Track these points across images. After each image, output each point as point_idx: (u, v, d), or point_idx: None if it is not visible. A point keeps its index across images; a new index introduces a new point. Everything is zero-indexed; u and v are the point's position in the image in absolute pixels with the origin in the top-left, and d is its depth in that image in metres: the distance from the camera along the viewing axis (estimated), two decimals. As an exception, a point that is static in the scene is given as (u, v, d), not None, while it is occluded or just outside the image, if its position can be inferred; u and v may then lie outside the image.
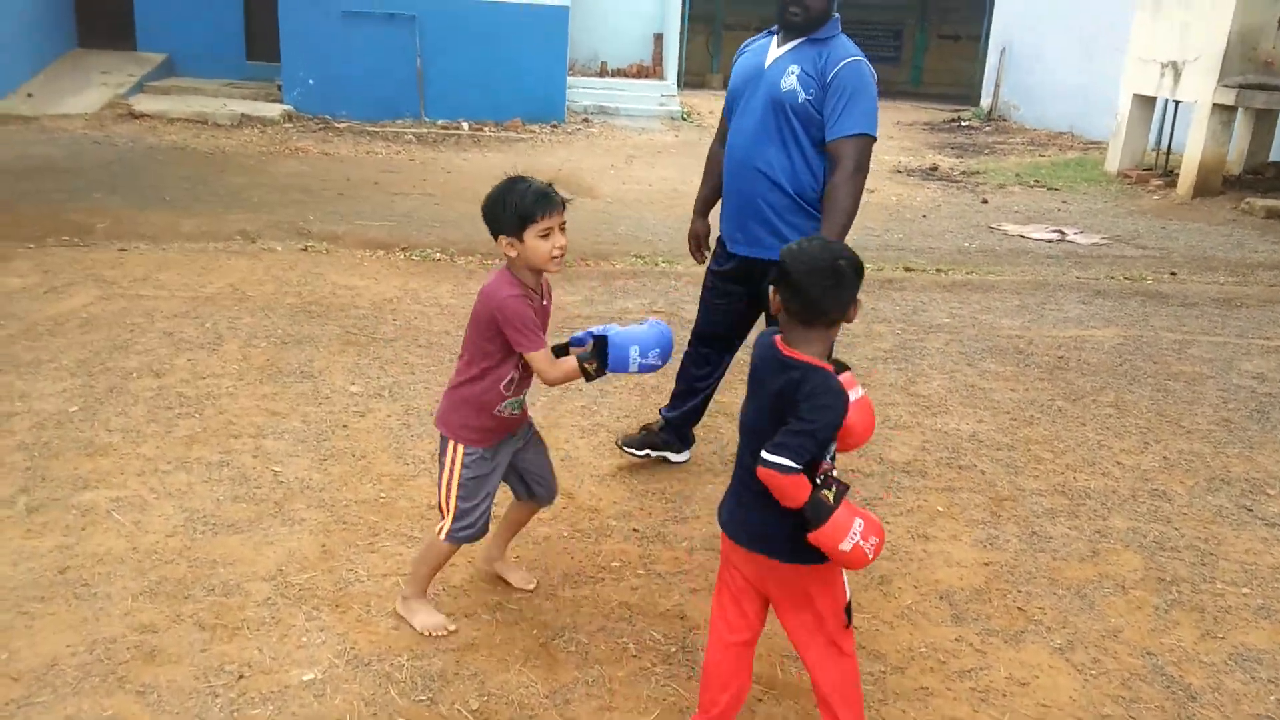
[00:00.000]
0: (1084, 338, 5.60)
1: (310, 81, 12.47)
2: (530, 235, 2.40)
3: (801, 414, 1.93)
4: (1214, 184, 10.19)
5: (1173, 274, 7.26)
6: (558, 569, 3.02)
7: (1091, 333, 5.71)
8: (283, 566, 2.90)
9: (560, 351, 2.54)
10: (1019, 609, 2.96)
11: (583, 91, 14.57)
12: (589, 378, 2.45)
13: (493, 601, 2.81)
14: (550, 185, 2.46)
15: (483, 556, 2.92)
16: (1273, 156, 11.54)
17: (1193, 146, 10.22)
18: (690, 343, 3.70)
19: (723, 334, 3.62)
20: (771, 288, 2.05)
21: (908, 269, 6.95)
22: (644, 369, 2.44)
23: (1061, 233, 8.48)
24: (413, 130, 12.13)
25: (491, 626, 2.70)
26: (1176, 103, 11.08)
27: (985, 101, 18.65)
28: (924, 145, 14.03)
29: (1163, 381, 4.95)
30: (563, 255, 2.47)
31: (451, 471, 2.57)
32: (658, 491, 3.57)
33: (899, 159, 12.38)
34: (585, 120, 13.78)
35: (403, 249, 6.72)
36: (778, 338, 2.06)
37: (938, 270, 6.97)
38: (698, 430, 3.85)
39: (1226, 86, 9.78)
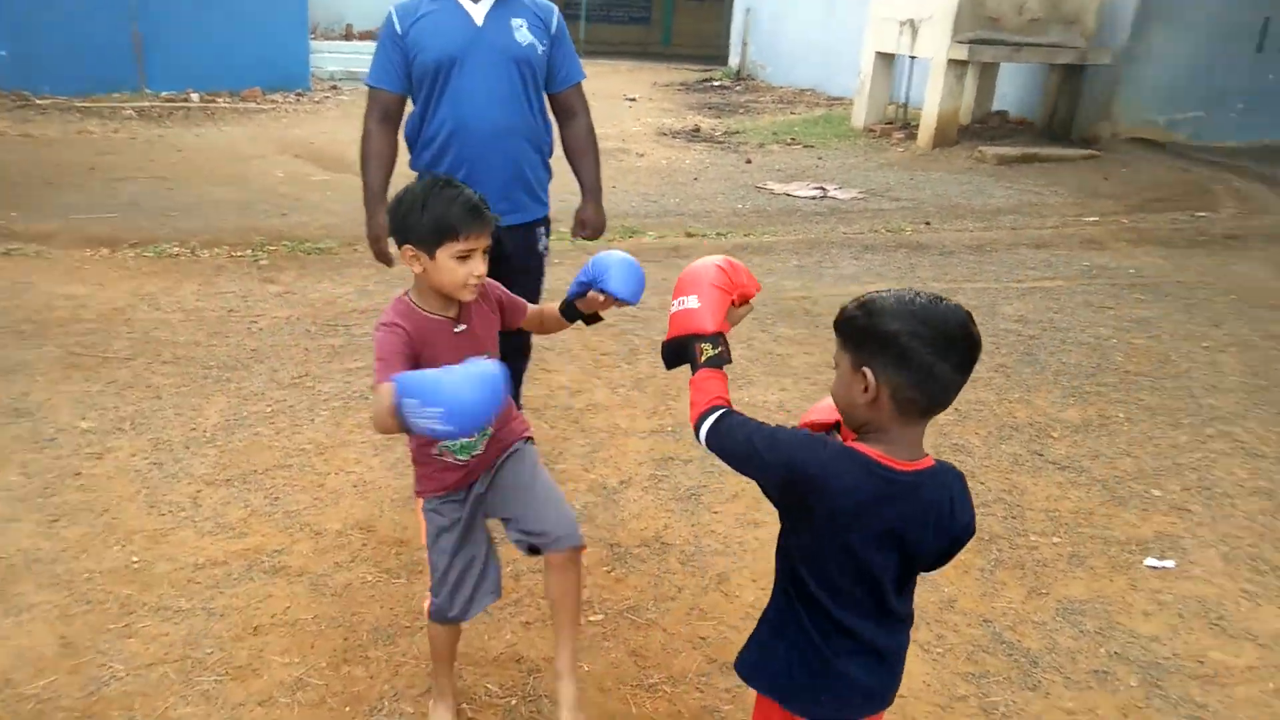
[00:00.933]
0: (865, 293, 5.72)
1: (2, 53, 10.71)
2: (445, 254, 1.94)
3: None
4: (950, 135, 10.90)
5: (927, 224, 7.64)
6: (365, 624, 2.62)
7: (867, 288, 5.83)
8: (9, 674, 2.32)
9: (571, 312, 2.18)
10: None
11: (328, 56, 13.51)
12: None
13: (291, 679, 2.38)
14: (483, 200, 2.00)
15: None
16: (995, 106, 12.52)
17: (930, 101, 10.86)
18: None
19: None
20: (867, 369, 1.44)
21: (689, 234, 6.88)
22: (434, 432, 1.67)
23: (823, 189, 8.75)
24: (132, 104, 10.73)
25: (291, 713, 2.28)
26: (914, 59, 11.74)
27: (734, 61, 19.12)
28: (683, 106, 14.14)
29: (941, 332, 5.12)
30: (479, 285, 2.00)
31: (425, 538, 2.17)
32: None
33: (662, 121, 12.39)
34: (334, 88, 12.79)
35: (132, 245, 5.84)
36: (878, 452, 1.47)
37: (718, 234, 6.95)
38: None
39: (959, 43, 10.44)
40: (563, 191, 3.53)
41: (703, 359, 1.64)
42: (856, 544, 1.48)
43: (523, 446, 2.25)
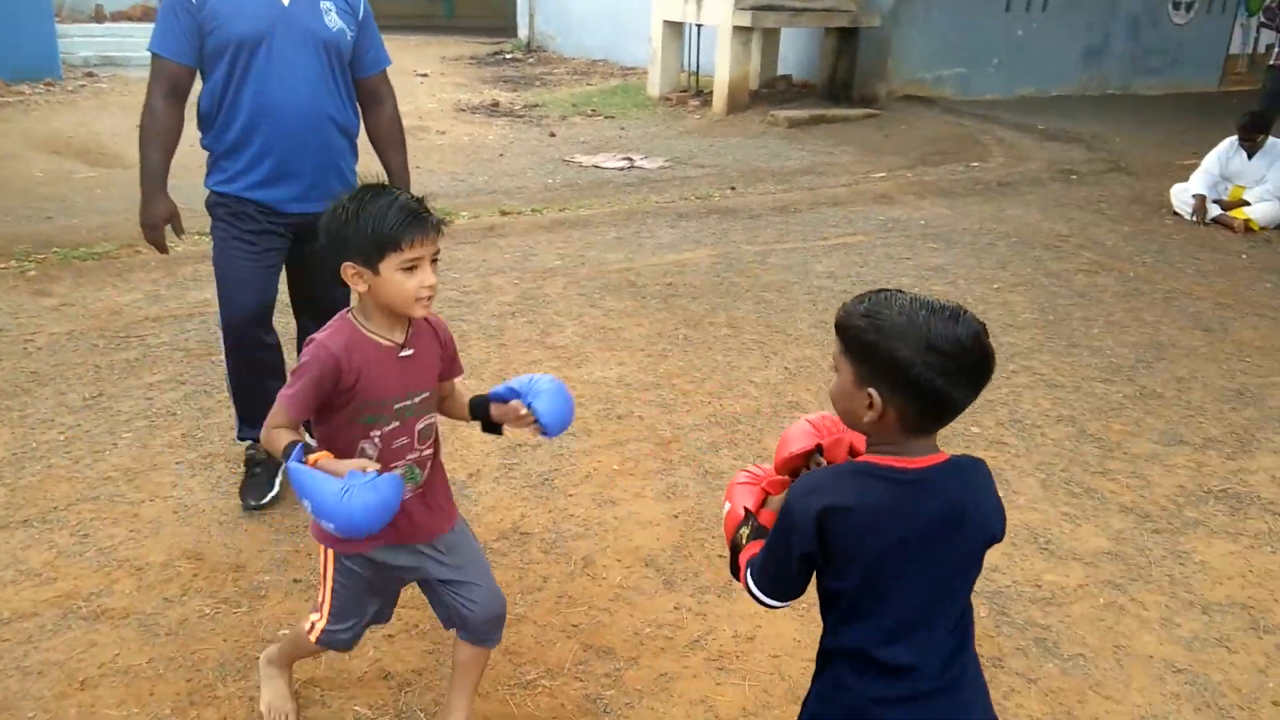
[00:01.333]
0: (682, 262, 5.80)
1: None
2: (389, 266, 1.78)
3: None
4: (742, 100, 11.21)
5: (733, 189, 7.83)
6: (208, 661, 2.39)
7: (686, 256, 5.94)
8: None
9: (480, 409, 2.05)
10: (720, 556, 2.92)
11: (79, 41, 12.21)
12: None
13: (133, 734, 2.14)
14: (421, 202, 1.83)
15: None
16: (780, 70, 12.98)
17: (721, 67, 11.11)
18: (243, 345, 3.03)
19: (301, 297, 3.23)
20: (874, 391, 1.36)
21: (504, 212, 6.72)
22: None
23: (630, 159, 8.78)
24: None
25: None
26: (700, 26, 11.96)
27: (523, 33, 18.84)
28: (477, 80, 13.80)
29: (759, 294, 5.27)
30: (431, 297, 1.84)
31: (326, 577, 2.02)
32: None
33: (458, 96, 12.03)
34: (89, 75, 11.58)
35: None
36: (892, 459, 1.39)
37: (534, 210, 6.83)
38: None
39: (742, 9, 10.71)
40: (364, 177, 3.32)
41: (744, 542, 1.57)
42: (881, 572, 1.40)
43: (460, 524, 2.14)
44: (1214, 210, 7.05)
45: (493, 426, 2.07)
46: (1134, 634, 2.60)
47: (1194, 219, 7.05)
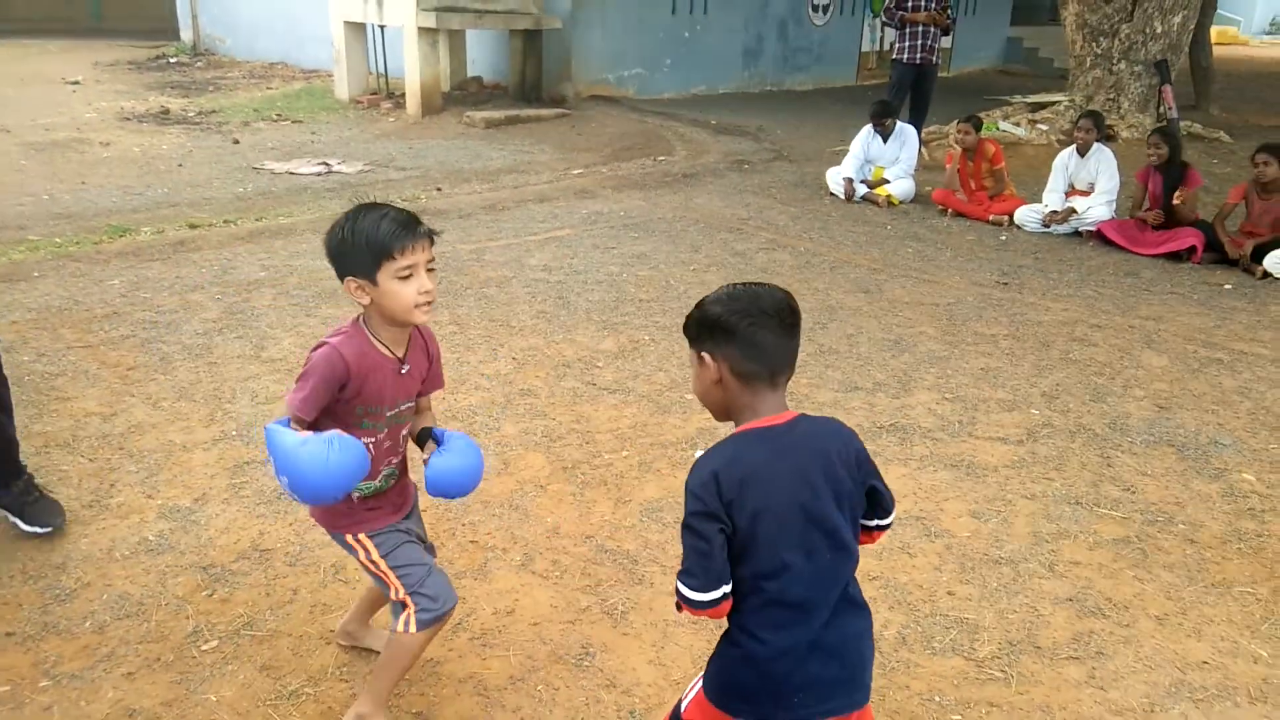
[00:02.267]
0: (396, 264, 5.76)
1: None
2: (385, 276, 1.87)
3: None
4: (436, 102, 11.19)
5: (439, 190, 7.85)
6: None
7: (400, 258, 5.90)
8: None
9: (423, 435, 2.15)
10: (472, 542, 3.02)
11: None
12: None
13: None
14: (412, 215, 1.92)
15: (341, 628, 2.49)
16: (470, 72, 13.07)
17: (411, 69, 11.01)
18: None
19: None
20: (705, 354, 1.58)
21: (193, 226, 6.30)
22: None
23: (327, 164, 8.51)
24: None
25: None
26: (383, 27, 11.76)
27: (186, 35, 17.47)
28: (140, 87, 12.64)
29: (479, 290, 5.38)
30: (430, 303, 1.94)
31: (375, 563, 2.10)
32: (22, 574, 2.75)
33: (120, 104, 10.97)
34: None
35: None
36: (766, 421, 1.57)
37: (227, 221, 6.45)
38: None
39: (425, 10, 10.67)
40: (21, 195, 3.08)
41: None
42: (772, 532, 1.54)
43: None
44: (861, 190, 8.07)
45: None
46: (836, 553, 3.02)
47: (846, 199, 8.03)
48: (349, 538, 2.12)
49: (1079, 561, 3.00)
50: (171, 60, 15.62)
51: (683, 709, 1.75)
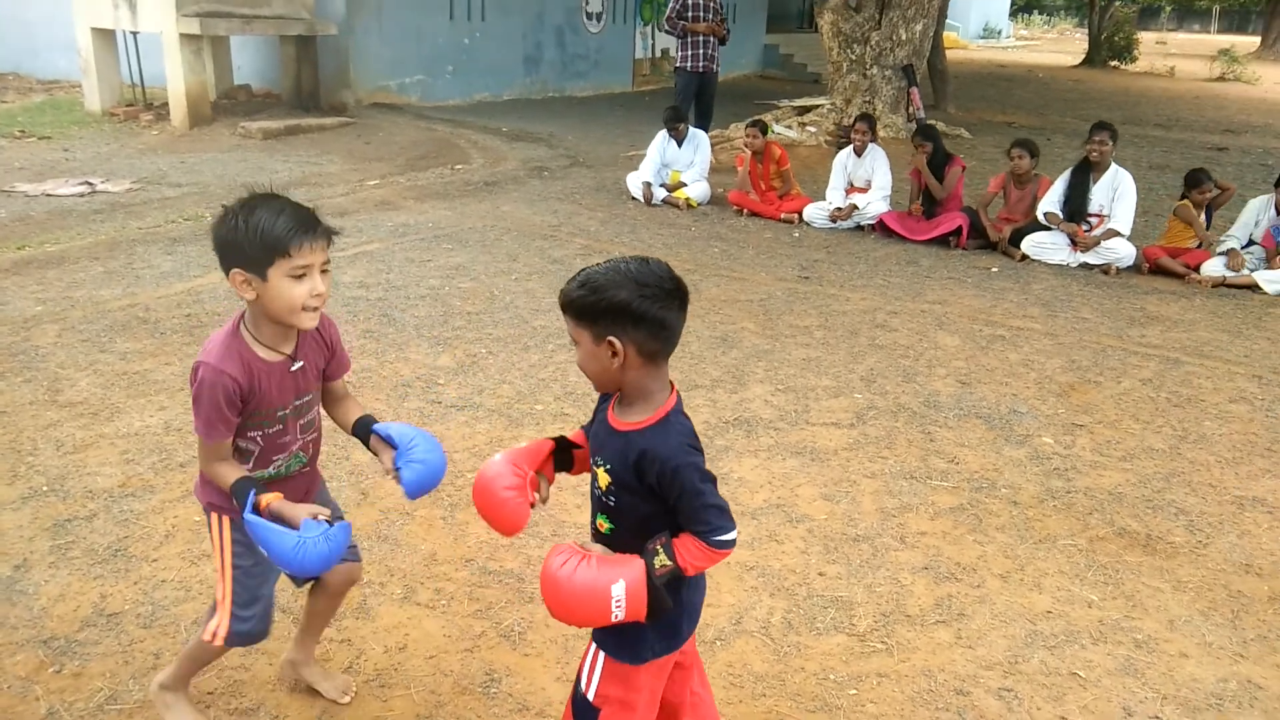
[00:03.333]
0: (196, 289, 5.36)
1: None
2: (277, 274, 1.79)
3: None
4: (205, 112, 10.43)
5: (224, 206, 7.33)
6: None
7: (199, 283, 5.50)
8: None
9: (362, 434, 2.06)
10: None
11: None
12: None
13: None
14: (312, 211, 1.84)
15: (285, 660, 2.41)
16: (236, 80, 12.29)
17: (174, 78, 10.20)
18: None
19: None
20: (613, 339, 1.60)
21: (-60, 259, 5.56)
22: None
23: (89, 184, 7.74)
24: None
25: None
26: (136, 34, 10.83)
27: (-117, 38, 15.30)
28: None
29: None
30: (320, 307, 1.86)
31: (222, 552, 2.04)
32: None
33: None
34: None
35: None
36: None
37: (-18, 252, 5.75)
38: None
39: (187, 16, 9.93)
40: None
41: (672, 559, 1.63)
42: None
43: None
44: (660, 193, 8.32)
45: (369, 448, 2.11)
46: (711, 548, 3.13)
47: (645, 202, 8.25)
48: (214, 516, 2.05)
49: (925, 531, 3.28)
50: None
51: (591, 695, 1.77)
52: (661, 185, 8.39)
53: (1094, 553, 3.19)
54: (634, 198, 8.38)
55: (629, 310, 1.58)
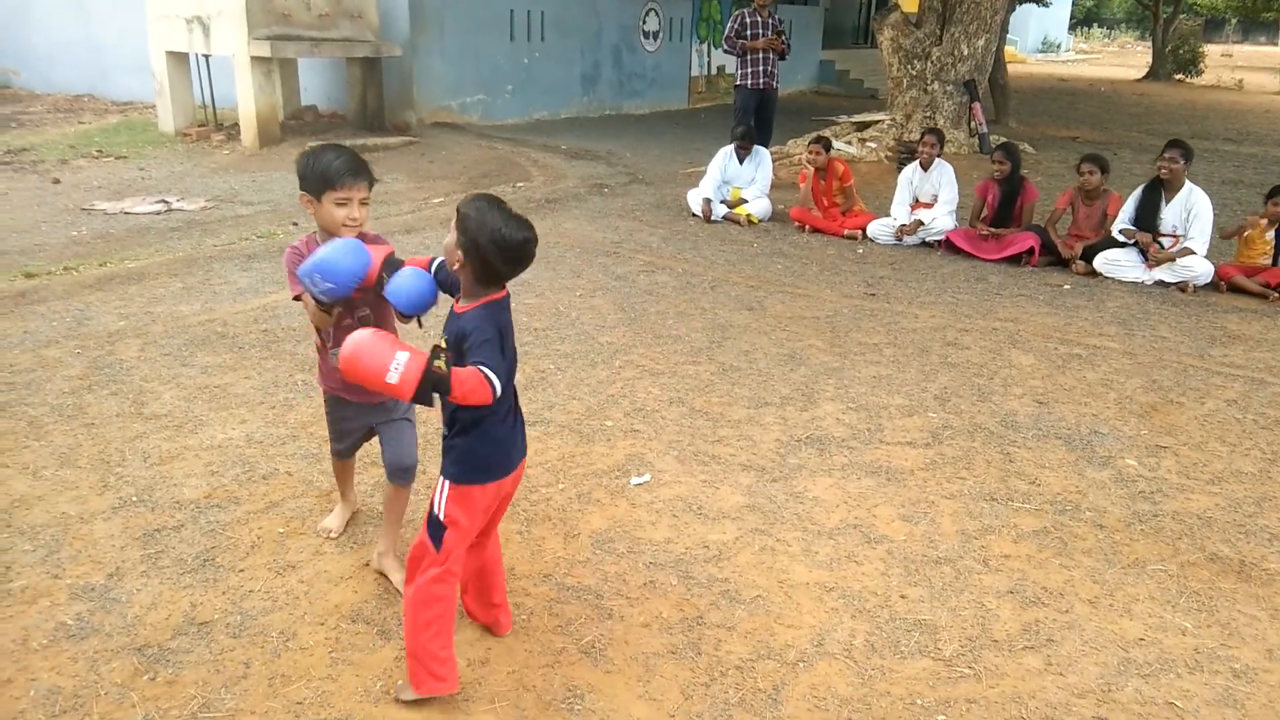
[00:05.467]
0: (272, 306, 5.48)
1: None
2: (327, 199, 2.55)
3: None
4: (274, 132, 10.70)
5: (295, 224, 7.51)
6: None
7: (274, 299, 5.61)
8: None
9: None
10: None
11: None
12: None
13: None
14: (362, 160, 2.60)
15: (377, 553, 2.99)
16: (303, 101, 12.58)
17: (245, 100, 10.48)
18: None
19: None
20: (462, 255, 2.18)
21: (29, 275, 5.75)
22: (324, 293, 2.40)
23: (166, 202, 7.97)
24: None
25: None
26: (208, 57, 11.15)
27: (-29, 65, 15.98)
28: (-75, 122, 11.46)
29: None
30: (356, 227, 2.60)
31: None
32: None
33: (-93, 143, 9.91)
34: None
35: None
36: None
37: (66, 269, 5.93)
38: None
39: (258, 39, 10.20)
40: None
41: (447, 368, 2.09)
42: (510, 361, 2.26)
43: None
44: (721, 210, 8.31)
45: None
46: (789, 568, 3.09)
47: (705, 219, 8.25)
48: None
49: (1008, 555, 3.20)
50: (-43, 93, 14.24)
51: (441, 515, 2.31)
52: (722, 202, 8.39)
53: (1185, 579, 3.09)
54: (694, 214, 8.39)
55: (480, 252, 2.15)
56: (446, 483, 2.32)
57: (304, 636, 2.67)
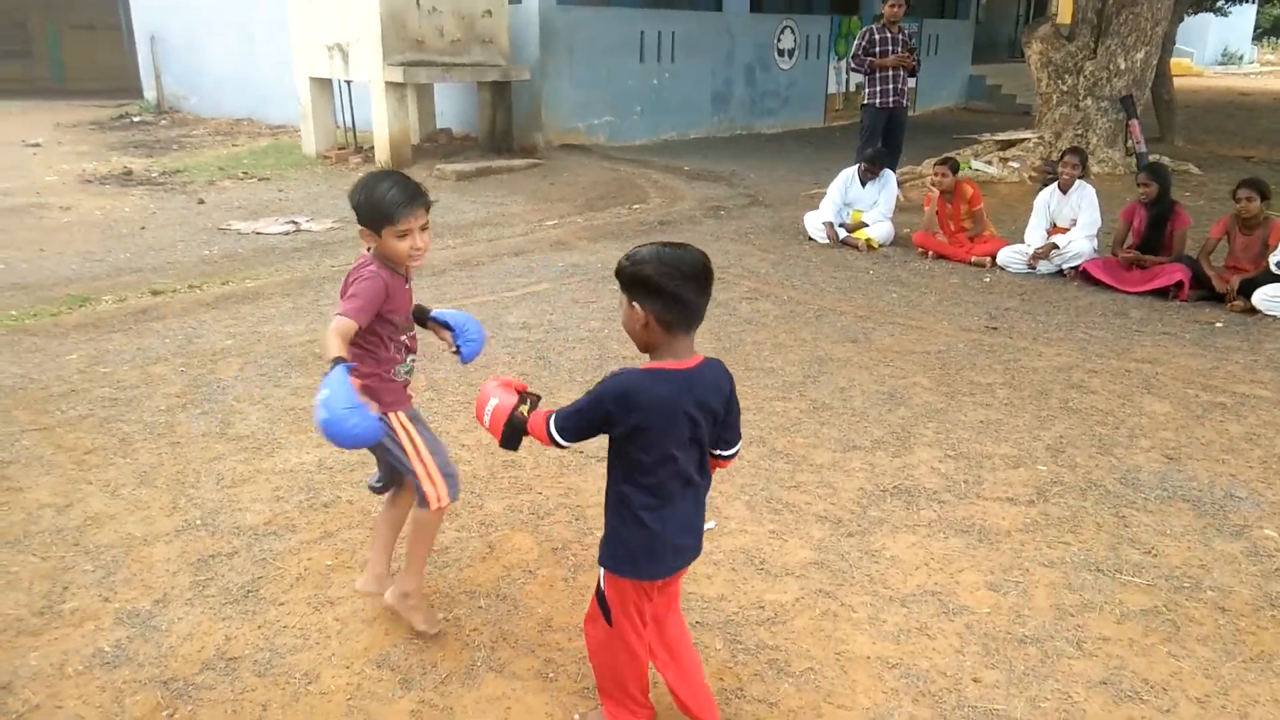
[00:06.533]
0: (369, 327, 5.56)
1: None
2: (388, 234, 2.44)
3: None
4: (406, 155, 11.05)
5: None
6: None
7: (372, 320, 5.69)
8: None
9: (419, 315, 2.70)
10: (458, 640, 2.78)
11: None
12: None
13: None
14: (418, 186, 2.48)
15: (368, 580, 2.90)
16: (439, 124, 12.97)
17: (379, 124, 10.88)
18: None
19: None
20: (635, 303, 2.00)
21: (156, 292, 6.06)
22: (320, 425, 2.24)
23: (295, 223, 8.31)
24: None
25: None
26: (349, 82, 11.64)
27: (150, 94, 17.33)
28: (103, 147, 12.42)
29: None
30: (422, 254, 2.51)
31: (410, 436, 2.61)
32: None
33: (82, 166, 10.74)
34: None
35: None
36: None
37: (191, 287, 6.22)
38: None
39: (392, 65, 10.57)
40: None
41: (527, 413, 2.15)
42: (668, 436, 2.01)
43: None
44: (841, 234, 7.97)
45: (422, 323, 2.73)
46: (849, 637, 2.81)
47: (826, 242, 7.93)
48: (393, 416, 2.59)
49: (1108, 637, 2.82)
50: (135, 119, 15.43)
51: (604, 591, 2.18)
52: (841, 225, 8.06)
53: (1325, 681, 2.63)
54: (810, 238, 8.08)
55: (649, 282, 1.96)
56: (601, 568, 2.18)
57: (326, 680, 2.60)
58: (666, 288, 1.94)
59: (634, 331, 2.04)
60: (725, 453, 2.19)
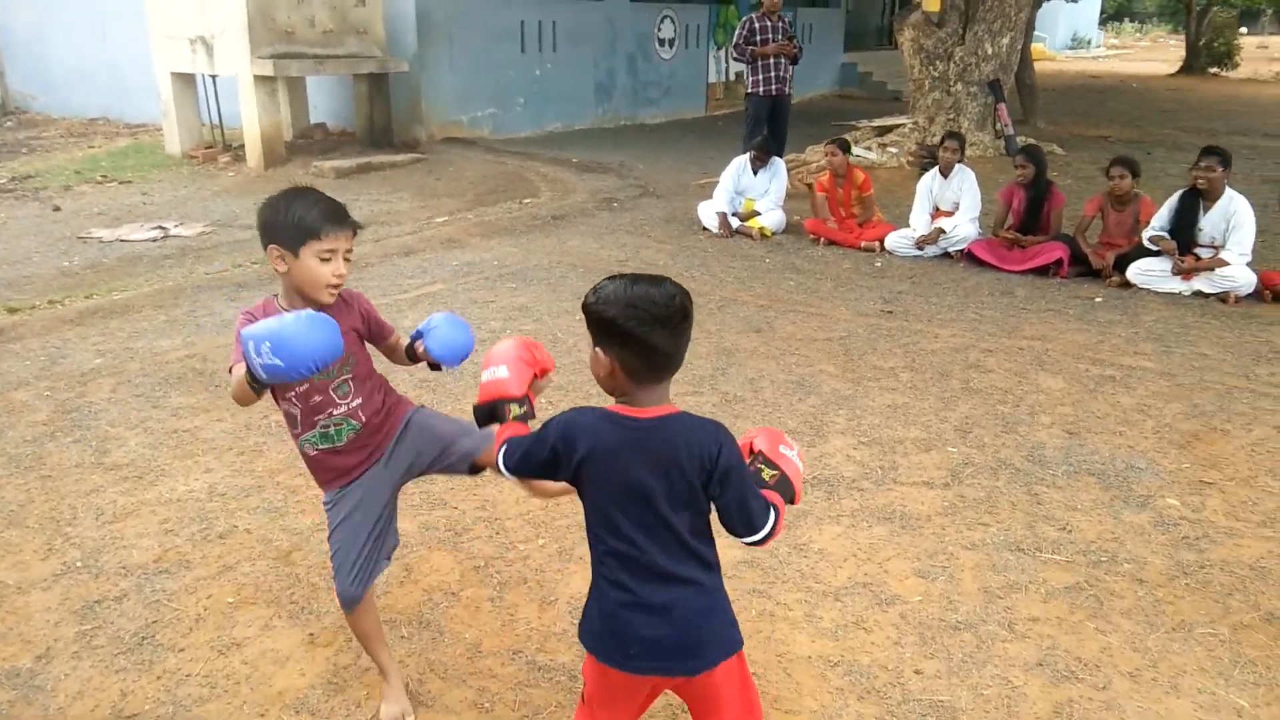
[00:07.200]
0: (254, 338, 5.24)
1: None
2: (308, 253, 2.09)
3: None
4: (279, 153, 10.53)
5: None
6: None
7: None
8: None
9: (410, 354, 2.34)
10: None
11: None
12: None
13: None
14: (343, 206, 2.16)
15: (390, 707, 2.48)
16: (312, 119, 12.43)
17: (249, 120, 10.33)
18: None
19: None
20: (599, 349, 1.70)
21: (12, 310, 5.55)
22: (265, 369, 1.84)
23: (163, 228, 7.79)
24: None
25: None
26: (214, 77, 11.02)
27: (-11, 91, 16.04)
28: (-64, 151, 11.43)
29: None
30: (339, 286, 2.16)
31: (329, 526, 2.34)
32: None
33: (-87, 173, 9.85)
34: None
35: None
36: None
37: (50, 302, 5.73)
38: None
39: (261, 58, 10.04)
40: None
41: (510, 417, 1.86)
42: (604, 491, 1.71)
43: (414, 414, 2.42)
44: (734, 223, 7.99)
45: (432, 365, 2.33)
46: (789, 638, 2.77)
47: (720, 232, 7.93)
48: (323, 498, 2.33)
49: (1036, 617, 2.86)
50: (-25, 120, 14.27)
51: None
52: (734, 214, 8.07)
53: (1238, 644, 2.73)
54: (705, 228, 8.08)
55: (615, 327, 1.67)
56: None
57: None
58: (634, 333, 1.65)
59: (599, 379, 1.74)
60: (744, 540, 1.77)
